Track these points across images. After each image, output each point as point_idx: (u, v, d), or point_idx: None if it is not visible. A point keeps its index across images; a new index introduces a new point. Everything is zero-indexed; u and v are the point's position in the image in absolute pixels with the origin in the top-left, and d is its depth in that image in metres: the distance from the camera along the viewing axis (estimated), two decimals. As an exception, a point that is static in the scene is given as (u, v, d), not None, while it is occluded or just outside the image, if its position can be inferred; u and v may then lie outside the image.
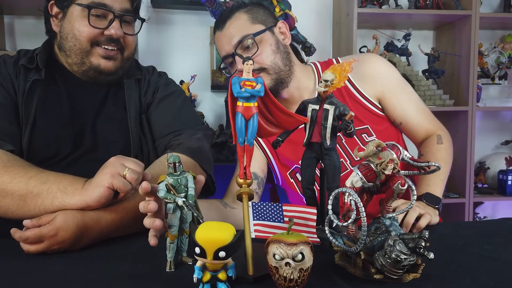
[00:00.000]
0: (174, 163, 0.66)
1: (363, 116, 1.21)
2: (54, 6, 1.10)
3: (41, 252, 0.77)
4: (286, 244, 0.56)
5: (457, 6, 2.36)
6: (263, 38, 1.20)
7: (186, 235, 0.69)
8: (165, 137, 1.09)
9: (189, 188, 0.67)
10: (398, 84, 1.25)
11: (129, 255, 0.79)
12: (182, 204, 0.65)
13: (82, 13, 1.05)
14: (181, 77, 2.29)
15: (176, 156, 0.67)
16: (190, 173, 0.68)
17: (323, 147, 0.79)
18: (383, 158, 0.61)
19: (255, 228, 0.71)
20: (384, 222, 0.64)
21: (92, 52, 1.07)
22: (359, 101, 1.22)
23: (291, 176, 1.27)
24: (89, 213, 0.81)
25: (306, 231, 0.73)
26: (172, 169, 0.66)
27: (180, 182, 0.66)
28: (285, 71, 1.21)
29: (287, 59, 1.23)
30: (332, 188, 0.79)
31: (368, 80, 1.23)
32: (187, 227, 0.68)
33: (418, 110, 1.25)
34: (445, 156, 1.17)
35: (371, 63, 1.25)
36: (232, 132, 0.74)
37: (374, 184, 0.64)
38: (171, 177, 0.66)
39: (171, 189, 0.66)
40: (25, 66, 1.05)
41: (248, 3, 1.28)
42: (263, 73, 1.19)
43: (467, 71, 2.38)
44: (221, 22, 1.23)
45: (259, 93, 0.70)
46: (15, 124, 1.01)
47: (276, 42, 1.23)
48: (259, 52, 1.18)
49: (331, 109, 0.78)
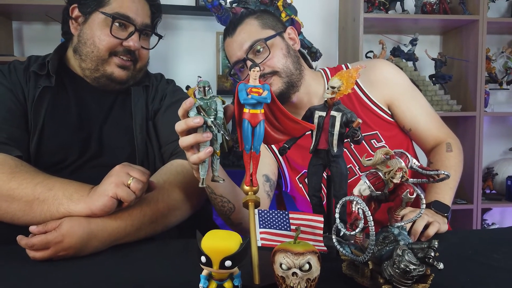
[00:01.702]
0: (204, 87, 0.70)
1: (373, 122, 1.21)
2: (75, 9, 1.11)
3: (47, 259, 0.77)
4: (293, 254, 0.55)
5: (464, 11, 2.35)
6: (274, 42, 1.20)
7: (217, 156, 0.74)
8: (171, 143, 1.09)
9: (218, 111, 0.71)
10: (407, 90, 1.24)
11: (135, 262, 0.79)
12: (211, 124, 0.69)
13: (104, 21, 1.07)
14: (187, 82, 2.30)
15: (206, 81, 0.71)
16: (219, 98, 0.72)
17: (330, 154, 0.78)
18: (392, 167, 0.60)
19: (261, 236, 0.70)
20: (393, 231, 0.63)
21: (109, 61, 1.09)
22: (369, 107, 1.22)
23: (300, 181, 1.27)
24: (95, 219, 0.81)
25: (313, 239, 0.72)
26: (202, 93, 0.71)
27: (209, 105, 0.71)
28: (296, 74, 1.21)
29: (297, 63, 1.23)
30: (339, 196, 0.78)
31: (378, 85, 1.22)
32: (217, 148, 0.73)
33: (428, 116, 1.24)
34: (454, 164, 1.16)
35: (381, 68, 1.24)
36: (239, 139, 0.73)
37: (382, 192, 0.64)
38: (201, 100, 0.71)
39: (201, 110, 0.70)
40: (36, 72, 1.06)
41: (257, 10, 1.29)
42: (275, 76, 1.19)
43: (475, 76, 2.36)
44: (231, 29, 1.24)
45: (265, 100, 0.70)
46: (23, 129, 1.02)
47: (287, 46, 1.23)
48: (270, 56, 1.18)
49: (338, 116, 0.77)
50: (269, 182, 1.24)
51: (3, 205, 0.85)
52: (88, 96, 1.12)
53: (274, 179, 1.29)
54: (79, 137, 1.06)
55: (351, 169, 1.18)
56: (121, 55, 1.09)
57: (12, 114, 1.01)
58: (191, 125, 0.71)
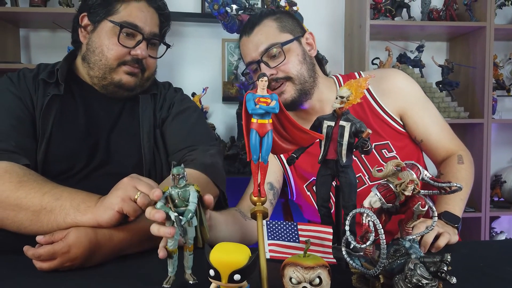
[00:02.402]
0: (176, 175, 0.63)
1: (384, 132, 1.20)
2: (85, 18, 1.12)
3: (54, 269, 0.76)
4: (303, 268, 0.54)
5: (471, 18, 2.34)
6: (291, 47, 1.19)
7: (189, 251, 0.66)
8: (179, 152, 1.09)
9: (190, 202, 0.63)
10: (420, 101, 1.23)
11: (141, 273, 0.78)
12: (173, 219, 0.61)
13: (113, 30, 1.07)
14: (193, 89, 2.30)
15: (180, 168, 0.64)
16: (194, 187, 0.65)
17: (338, 164, 0.77)
18: (403, 179, 0.59)
19: (269, 248, 0.69)
20: (404, 244, 0.62)
21: (117, 70, 1.09)
22: (381, 116, 1.21)
23: (308, 189, 1.25)
24: (101, 230, 0.80)
25: (322, 251, 0.71)
26: (173, 181, 0.64)
27: (180, 195, 0.63)
28: (310, 82, 1.20)
29: (312, 71, 1.22)
30: (349, 207, 0.77)
31: (390, 95, 1.21)
32: (189, 244, 0.65)
33: (440, 128, 1.23)
34: (466, 176, 1.15)
35: (394, 78, 1.23)
36: (246, 149, 0.72)
37: (393, 205, 0.63)
38: (173, 189, 0.64)
39: (169, 201, 0.63)
40: (45, 80, 1.06)
41: (277, 11, 1.26)
42: (288, 82, 1.18)
43: (482, 83, 2.34)
44: (249, 28, 1.22)
45: (273, 109, 0.69)
46: (31, 138, 1.02)
47: (303, 52, 1.22)
48: (285, 62, 1.17)
49: (347, 126, 0.76)
50: (273, 190, 1.24)
51: (11, 214, 0.85)
52: (96, 103, 1.12)
53: (278, 187, 1.28)
54: (87, 145, 1.06)
55: (360, 178, 1.17)
56: (129, 64, 1.09)
57: (20, 122, 1.01)
58: (152, 218, 0.65)
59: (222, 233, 0.93)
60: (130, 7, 1.09)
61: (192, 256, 0.66)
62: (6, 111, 1.00)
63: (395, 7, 2.36)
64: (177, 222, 0.61)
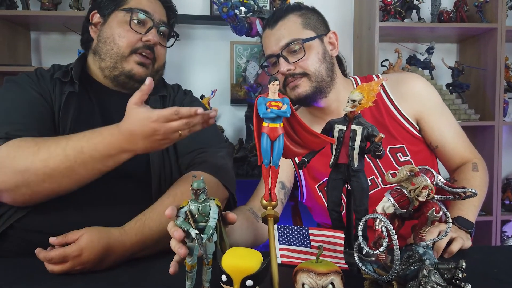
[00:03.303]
0: (196, 189, 0.61)
1: (400, 135, 1.19)
2: (95, 15, 1.15)
3: (65, 272, 0.76)
4: (316, 274, 0.54)
5: (482, 19, 2.32)
6: (312, 45, 1.19)
7: (208, 266, 0.64)
8: (188, 154, 1.09)
9: (210, 218, 0.61)
10: (437, 106, 1.23)
11: (153, 276, 0.78)
12: (195, 237, 0.59)
13: (123, 18, 1.10)
14: (202, 91, 2.30)
15: (200, 182, 0.62)
16: (215, 202, 0.63)
17: (350, 168, 0.77)
18: (417, 184, 0.59)
19: (281, 253, 0.69)
20: (418, 250, 0.61)
21: (128, 59, 1.10)
22: (397, 120, 1.20)
23: (319, 189, 1.25)
24: (114, 233, 0.81)
25: (334, 256, 0.71)
26: (193, 196, 0.62)
27: (200, 210, 0.62)
28: (327, 81, 1.20)
29: (330, 70, 1.22)
30: (360, 211, 0.77)
31: (408, 99, 1.21)
32: (208, 258, 0.63)
33: (456, 135, 1.22)
34: (480, 184, 1.13)
35: (412, 82, 1.23)
36: (257, 153, 0.72)
37: (406, 210, 0.62)
38: (193, 203, 0.62)
39: (189, 217, 0.61)
40: (60, 79, 1.08)
41: (303, 7, 1.26)
42: (304, 78, 1.18)
43: (493, 85, 2.31)
44: (273, 21, 1.22)
45: (285, 113, 0.68)
46: (52, 133, 1.02)
47: (324, 51, 1.21)
48: (305, 58, 1.17)
49: (359, 130, 0.76)
50: (284, 190, 1.23)
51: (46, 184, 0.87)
52: (110, 103, 1.13)
53: (289, 187, 1.27)
54: None
55: (373, 180, 1.16)
56: (141, 52, 1.10)
57: (42, 117, 1.02)
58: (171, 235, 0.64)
59: (237, 238, 0.93)
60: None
61: (211, 270, 0.65)
62: (29, 106, 1.01)
63: (404, 8, 2.34)
64: (198, 240, 0.60)
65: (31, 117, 0.99)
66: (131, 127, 0.83)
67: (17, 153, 0.86)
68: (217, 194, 1.01)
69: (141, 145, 0.85)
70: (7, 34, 2.19)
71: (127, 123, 0.84)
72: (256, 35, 1.93)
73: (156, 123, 0.82)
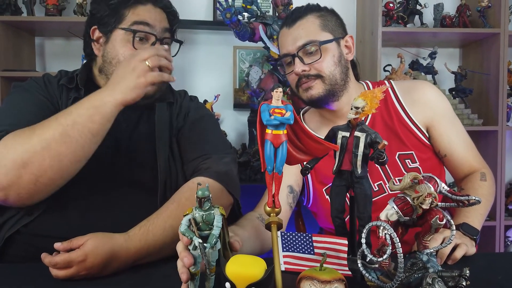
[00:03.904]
0: (201, 198, 0.62)
1: (409, 142, 1.19)
2: (96, 31, 1.13)
3: (69, 278, 0.77)
4: (320, 282, 0.54)
5: (485, 24, 2.32)
6: (328, 47, 1.19)
7: (211, 273, 0.64)
8: (193, 160, 1.09)
9: (214, 227, 0.62)
10: (448, 115, 1.23)
11: (155, 282, 0.78)
12: (198, 246, 0.60)
13: (125, 37, 1.09)
14: (205, 96, 2.31)
15: (205, 190, 0.62)
16: (219, 210, 0.64)
17: (354, 175, 0.77)
18: (421, 192, 0.59)
19: (284, 260, 0.69)
20: (421, 258, 0.62)
21: None
22: (407, 126, 1.20)
23: (327, 193, 1.24)
24: (118, 239, 0.81)
25: (337, 263, 0.71)
26: (198, 204, 0.62)
27: (204, 218, 0.62)
28: (340, 85, 1.20)
29: (345, 74, 1.21)
30: (364, 218, 0.77)
31: (419, 105, 1.21)
32: (211, 266, 0.63)
33: (465, 145, 1.22)
34: (487, 194, 1.14)
35: (424, 89, 1.23)
36: (261, 160, 0.72)
37: (410, 218, 0.62)
38: (197, 211, 0.62)
39: (193, 225, 0.62)
40: (65, 85, 1.08)
41: (323, 8, 1.25)
42: (318, 80, 1.18)
43: (496, 89, 2.31)
44: (291, 20, 1.21)
45: (288, 120, 0.69)
46: None
47: (339, 54, 1.21)
48: (320, 60, 1.17)
49: (362, 137, 0.76)
50: (293, 194, 1.23)
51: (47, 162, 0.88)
52: None
53: (298, 190, 1.27)
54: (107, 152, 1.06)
55: (380, 186, 1.16)
56: None
57: None
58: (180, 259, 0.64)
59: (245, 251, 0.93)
60: (138, 10, 1.10)
61: (214, 277, 0.65)
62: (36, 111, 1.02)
63: (407, 14, 2.35)
64: (201, 249, 0.60)
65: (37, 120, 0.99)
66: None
67: (14, 141, 0.89)
68: (222, 200, 1.01)
69: (118, 87, 0.92)
70: (12, 39, 2.20)
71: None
72: (259, 40, 1.93)
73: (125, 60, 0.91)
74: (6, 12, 2.13)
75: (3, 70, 2.10)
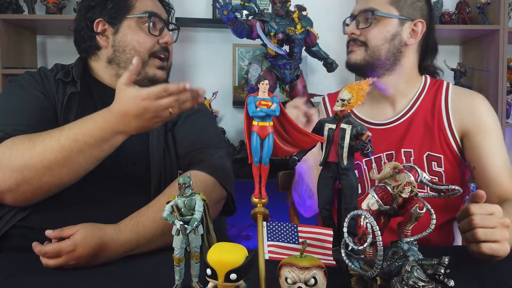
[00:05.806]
0: (182, 184, 0.64)
1: (441, 146, 1.18)
2: (100, 24, 1.14)
3: (59, 267, 0.78)
4: (299, 268, 0.55)
5: (485, 21, 2.31)
6: (386, 22, 1.18)
7: (195, 259, 0.66)
8: (188, 154, 1.10)
9: (196, 211, 0.64)
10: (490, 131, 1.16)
11: (145, 273, 0.79)
12: (179, 228, 0.63)
13: (137, 25, 1.12)
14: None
15: (186, 177, 0.65)
16: (200, 196, 0.66)
17: (340, 167, 0.78)
18: (400, 181, 0.59)
19: (269, 249, 0.70)
20: (402, 247, 0.62)
21: (149, 63, 1.14)
22: (444, 130, 1.19)
23: None
24: (108, 230, 0.82)
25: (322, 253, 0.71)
26: (179, 190, 0.65)
27: (186, 204, 0.64)
28: (383, 62, 1.20)
29: (393, 55, 1.20)
30: (349, 209, 0.77)
31: (463, 114, 1.18)
32: (195, 252, 0.65)
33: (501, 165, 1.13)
34: None
35: (475, 100, 1.20)
36: (248, 151, 0.74)
37: (391, 207, 0.63)
38: (179, 198, 0.65)
39: (175, 210, 0.64)
40: (62, 80, 1.09)
41: None
42: (362, 47, 1.20)
43: (496, 87, 2.30)
44: None
45: (274, 112, 0.70)
46: None
47: (395, 33, 1.19)
48: (370, 28, 1.18)
49: (348, 129, 0.77)
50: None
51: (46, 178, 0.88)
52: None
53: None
54: None
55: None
56: (158, 55, 1.14)
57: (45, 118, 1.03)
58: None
59: None
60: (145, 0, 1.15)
61: (199, 264, 0.66)
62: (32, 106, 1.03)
63: (406, 11, 2.34)
64: (182, 230, 0.63)
65: (34, 117, 1.00)
66: (123, 107, 0.85)
67: (13, 151, 0.88)
68: (214, 194, 1.01)
69: (134, 125, 0.88)
70: (14, 37, 2.23)
71: (118, 104, 0.87)
72: (257, 38, 1.94)
73: (146, 101, 0.84)
74: (7, 11, 2.16)
75: (5, 68, 2.13)
